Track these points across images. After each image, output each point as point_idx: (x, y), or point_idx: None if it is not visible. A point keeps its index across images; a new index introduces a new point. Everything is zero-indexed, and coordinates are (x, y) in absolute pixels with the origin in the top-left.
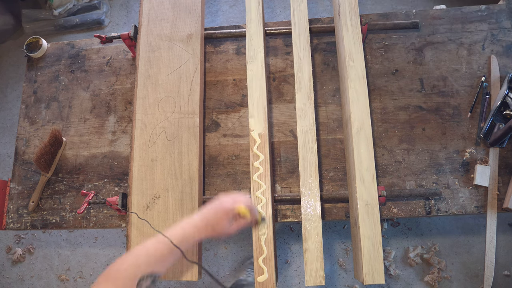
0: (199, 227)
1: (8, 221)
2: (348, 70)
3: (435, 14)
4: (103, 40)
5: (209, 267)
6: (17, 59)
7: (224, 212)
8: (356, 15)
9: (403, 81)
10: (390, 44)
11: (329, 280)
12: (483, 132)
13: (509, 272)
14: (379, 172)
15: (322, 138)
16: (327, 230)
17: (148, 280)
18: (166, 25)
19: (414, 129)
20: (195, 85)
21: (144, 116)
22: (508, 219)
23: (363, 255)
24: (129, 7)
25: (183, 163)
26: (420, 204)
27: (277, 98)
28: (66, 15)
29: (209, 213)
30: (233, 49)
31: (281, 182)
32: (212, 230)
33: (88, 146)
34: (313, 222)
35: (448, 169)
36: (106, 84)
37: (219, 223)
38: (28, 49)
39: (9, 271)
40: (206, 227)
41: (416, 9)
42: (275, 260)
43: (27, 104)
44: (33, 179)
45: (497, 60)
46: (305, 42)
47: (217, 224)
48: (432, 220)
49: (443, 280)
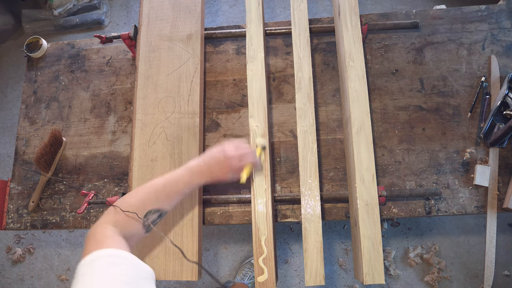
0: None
1: (8, 221)
2: (348, 70)
3: (435, 14)
4: (103, 40)
5: (209, 267)
6: (17, 59)
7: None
8: (356, 15)
9: (403, 81)
10: (390, 44)
11: (329, 280)
12: (483, 132)
13: (509, 272)
14: (379, 172)
15: (322, 138)
16: (327, 230)
17: (154, 215)
18: (166, 25)
19: (414, 129)
20: (195, 85)
21: (144, 116)
22: (508, 219)
23: (363, 255)
24: (129, 7)
25: (183, 163)
26: (420, 204)
27: (277, 98)
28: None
29: (211, 161)
30: (233, 49)
31: (281, 182)
32: (211, 177)
33: (88, 146)
34: (313, 222)
35: (448, 169)
36: (106, 84)
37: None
38: (28, 49)
39: (9, 271)
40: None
41: (416, 9)
42: (275, 260)
43: (27, 104)
44: (33, 179)
45: (497, 60)
46: (305, 42)
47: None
48: (432, 220)
49: (443, 280)
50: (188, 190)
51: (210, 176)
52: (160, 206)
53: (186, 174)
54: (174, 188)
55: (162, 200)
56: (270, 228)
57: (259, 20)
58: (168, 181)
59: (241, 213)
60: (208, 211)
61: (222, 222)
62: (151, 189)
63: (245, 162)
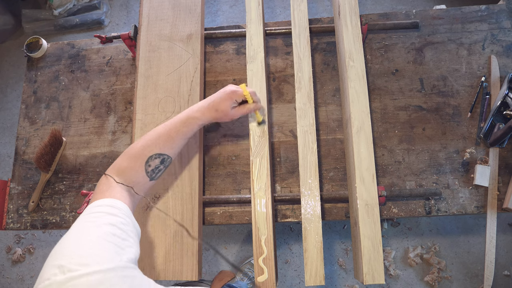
0: (204, 108)
1: (8, 221)
2: (348, 70)
3: (435, 14)
4: (103, 40)
5: (209, 267)
6: (17, 59)
7: (227, 93)
8: (356, 15)
9: (403, 81)
10: (390, 44)
11: (329, 280)
12: (483, 132)
13: (509, 272)
14: (379, 172)
15: (322, 138)
16: (327, 230)
17: (156, 160)
18: (166, 25)
19: (414, 129)
20: (195, 85)
21: (144, 116)
22: (508, 219)
23: (363, 255)
24: (129, 7)
25: (183, 163)
26: (420, 204)
27: (277, 98)
28: (66, 15)
29: (214, 96)
30: (233, 49)
31: (281, 182)
32: (215, 111)
33: (88, 146)
34: (313, 222)
35: (448, 169)
36: (106, 84)
37: (223, 102)
38: (28, 49)
39: (9, 271)
40: (211, 108)
41: (416, 9)
42: (275, 260)
43: (27, 104)
44: (33, 179)
45: (497, 60)
46: (305, 42)
47: (221, 103)
48: (432, 220)
49: (443, 280)
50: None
51: (213, 110)
52: (161, 150)
53: (184, 113)
54: (173, 129)
55: (162, 143)
56: (270, 228)
57: (259, 20)
58: (168, 124)
59: (241, 213)
60: (208, 211)
61: (222, 222)
62: (153, 134)
63: (241, 85)
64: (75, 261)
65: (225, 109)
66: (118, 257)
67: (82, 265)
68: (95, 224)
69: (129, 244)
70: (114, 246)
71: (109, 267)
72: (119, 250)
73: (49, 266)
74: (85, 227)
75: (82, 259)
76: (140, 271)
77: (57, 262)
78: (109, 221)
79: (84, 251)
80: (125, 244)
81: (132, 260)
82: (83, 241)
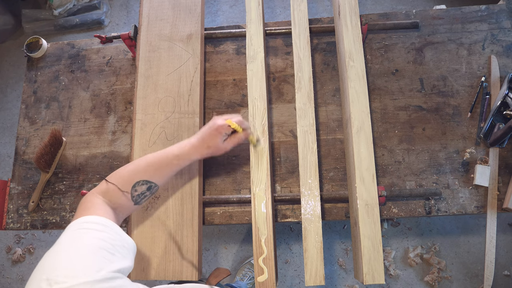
0: (195, 145)
1: (8, 221)
2: (348, 70)
3: (435, 14)
4: (103, 40)
5: (209, 267)
6: (17, 59)
7: (216, 128)
8: (356, 15)
9: (403, 81)
10: (390, 44)
11: (329, 280)
12: (483, 132)
13: (509, 272)
14: (379, 172)
15: (322, 138)
16: (327, 230)
17: (143, 186)
18: (166, 25)
19: (414, 129)
20: (195, 85)
21: (144, 116)
22: (508, 219)
23: (363, 255)
24: (129, 7)
25: None
26: (420, 204)
27: (277, 98)
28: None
29: (203, 131)
30: (233, 49)
31: (281, 182)
32: (207, 147)
33: (88, 146)
34: (313, 222)
35: (448, 169)
36: (106, 84)
37: (213, 139)
38: (28, 49)
39: (9, 271)
40: (202, 145)
41: (416, 9)
42: (275, 260)
43: (27, 104)
44: (33, 179)
45: (497, 60)
46: (305, 42)
47: (211, 140)
48: (432, 220)
49: (443, 280)
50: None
51: (204, 146)
52: (150, 178)
53: (176, 147)
54: (164, 161)
55: (152, 172)
56: (270, 228)
57: (259, 20)
58: (159, 154)
59: (241, 213)
60: (208, 211)
61: (222, 222)
62: (142, 162)
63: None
64: (62, 273)
65: (215, 144)
66: (106, 268)
67: (70, 277)
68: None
69: (119, 258)
70: (102, 258)
71: (97, 279)
72: (107, 262)
73: (36, 280)
74: (72, 241)
75: (69, 271)
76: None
77: (44, 276)
78: (97, 235)
79: (71, 263)
80: (114, 258)
81: (121, 271)
82: (70, 254)
